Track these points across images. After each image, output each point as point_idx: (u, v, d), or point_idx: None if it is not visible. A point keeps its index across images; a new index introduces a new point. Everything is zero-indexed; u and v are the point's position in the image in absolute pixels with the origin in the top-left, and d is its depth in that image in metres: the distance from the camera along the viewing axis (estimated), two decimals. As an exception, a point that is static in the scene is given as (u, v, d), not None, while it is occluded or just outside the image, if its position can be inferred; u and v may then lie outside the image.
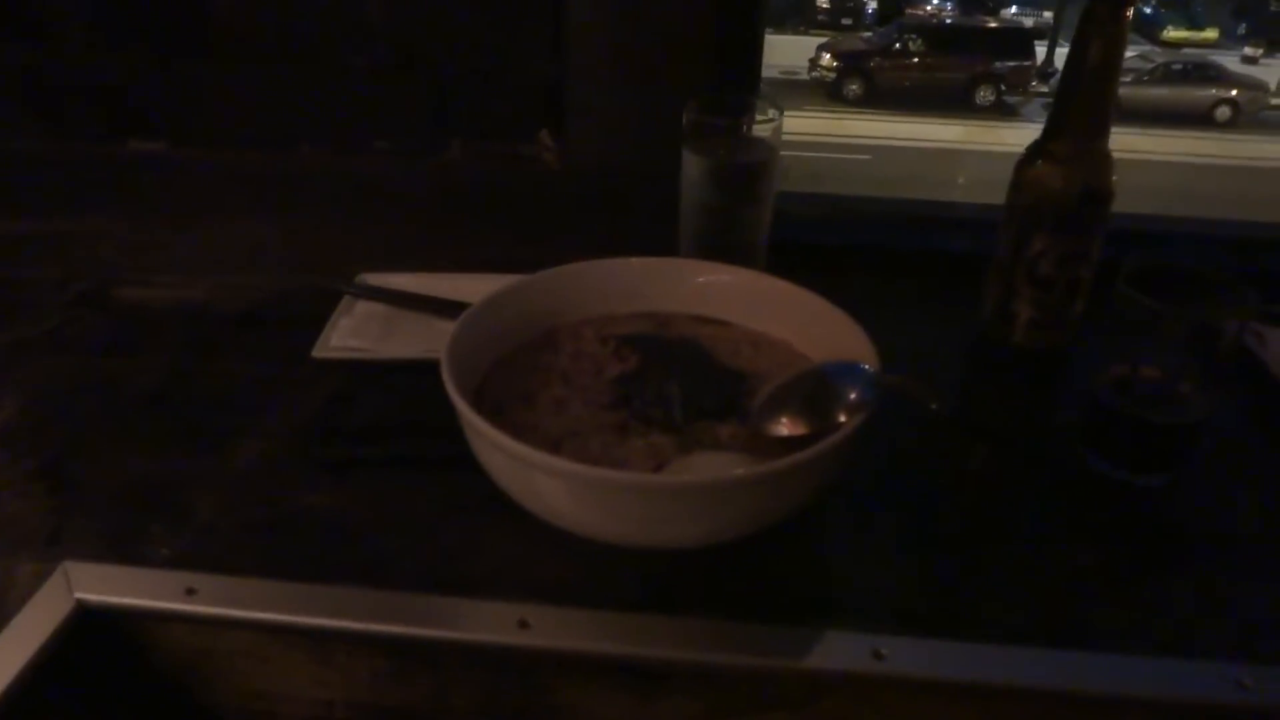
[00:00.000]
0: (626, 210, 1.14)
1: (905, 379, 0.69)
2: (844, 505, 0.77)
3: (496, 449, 0.64)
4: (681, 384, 0.76)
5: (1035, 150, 0.90)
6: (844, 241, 1.15)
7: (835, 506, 0.77)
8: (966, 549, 0.74)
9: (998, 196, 0.94)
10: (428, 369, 0.70)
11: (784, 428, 0.69)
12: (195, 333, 1.04)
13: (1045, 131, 0.89)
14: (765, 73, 1.20)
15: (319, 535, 0.74)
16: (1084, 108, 0.86)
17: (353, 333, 0.95)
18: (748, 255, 0.98)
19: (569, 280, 0.86)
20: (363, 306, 1.01)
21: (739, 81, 1.12)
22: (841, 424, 0.66)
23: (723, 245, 0.97)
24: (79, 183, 1.23)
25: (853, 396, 0.68)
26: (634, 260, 0.88)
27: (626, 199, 1.14)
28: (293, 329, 0.99)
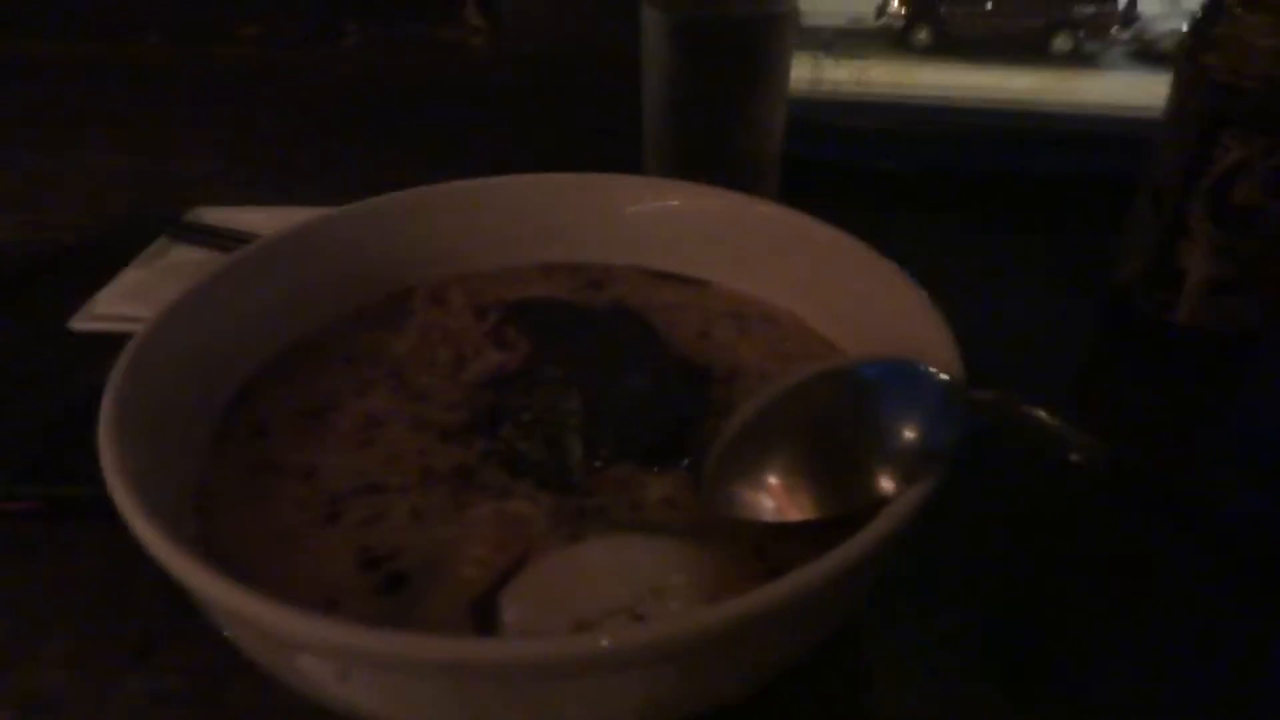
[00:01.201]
0: (582, 111, 0.79)
1: (1023, 403, 0.34)
2: (889, 603, 0.42)
3: (155, 552, 0.30)
4: (591, 391, 0.41)
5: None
6: (890, 162, 0.78)
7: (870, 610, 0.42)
8: (1083, 682, 0.39)
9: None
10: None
11: (767, 503, 0.34)
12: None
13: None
14: (828, 20, 0.96)
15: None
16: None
17: (135, 293, 0.62)
18: (745, 176, 0.63)
19: (435, 207, 0.52)
20: (178, 254, 0.68)
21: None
22: (886, 497, 0.32)
23: (706, 160, 0.62)
24: None
25: (910, 435, 0.33)
26: (552, 177, 0.54)
27: (582, 94, 0.79)
28: (86, 282, 0.66)
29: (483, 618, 0.33)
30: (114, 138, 0.87)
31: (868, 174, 0.76)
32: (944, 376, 0.35)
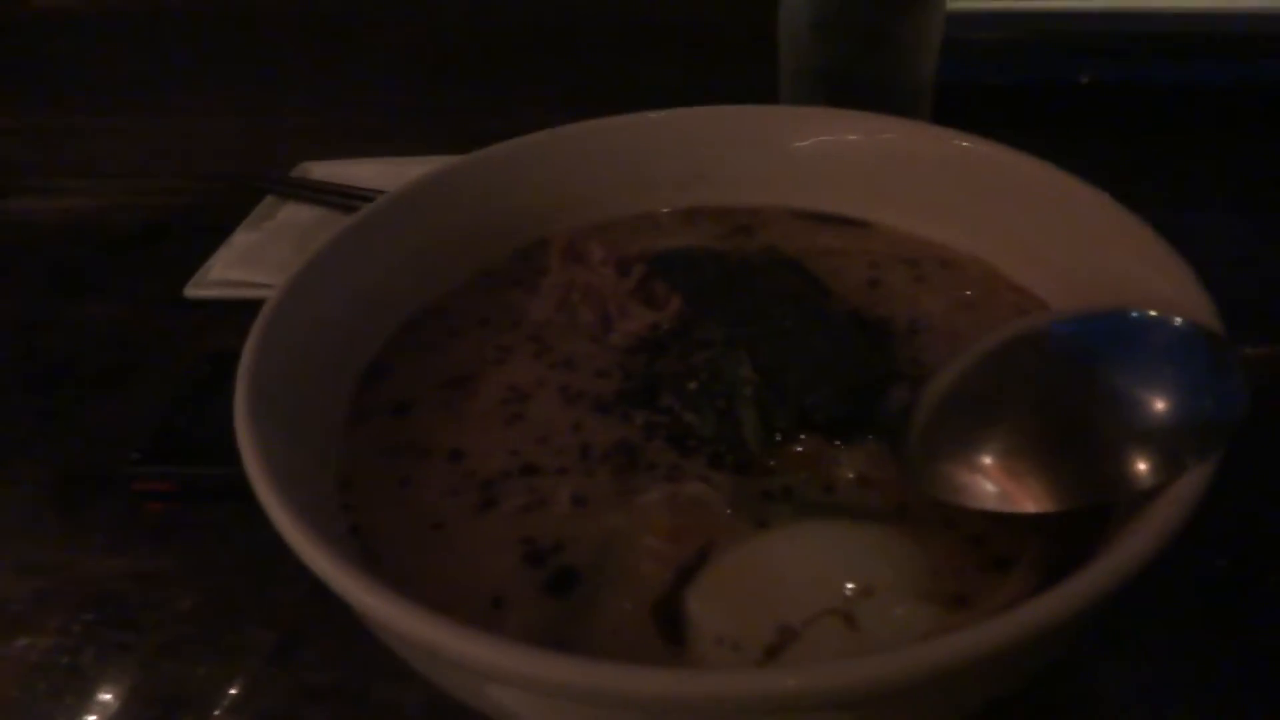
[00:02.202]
0: (706, 37, 0.73)
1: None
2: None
3: (316, 564, 0.27)
4: (761, 354, 0.36)
5: None
6: (1053, 80, 0.71)
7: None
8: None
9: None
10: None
11: (989, 488, 0.29)
12: (75, 256, 0.72)
13: None
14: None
15: (97, 639, 0.40)
16: None
17: (246, 258, 0.60)
18: (894, 106, 0.56)
19: (564, 152, 0.48)
20: (287, 213, 0.66)
21: None
22: (1147, 486, 0.26)
23: (853, 93, 0.56)
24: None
25: (1171, 406, 0.28)
26: (694, 112, 0.48)
27: (704, 17, 0.73)
28: (196, 247, 0.64)
29: (667, 621, 0.29)
30: (212, 95, 0.85)
31: (1026, 94, 0.68)
32: (1205, 329, 0.30)
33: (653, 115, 0.48)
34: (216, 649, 0.39)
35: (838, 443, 0.34)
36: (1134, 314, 0.32)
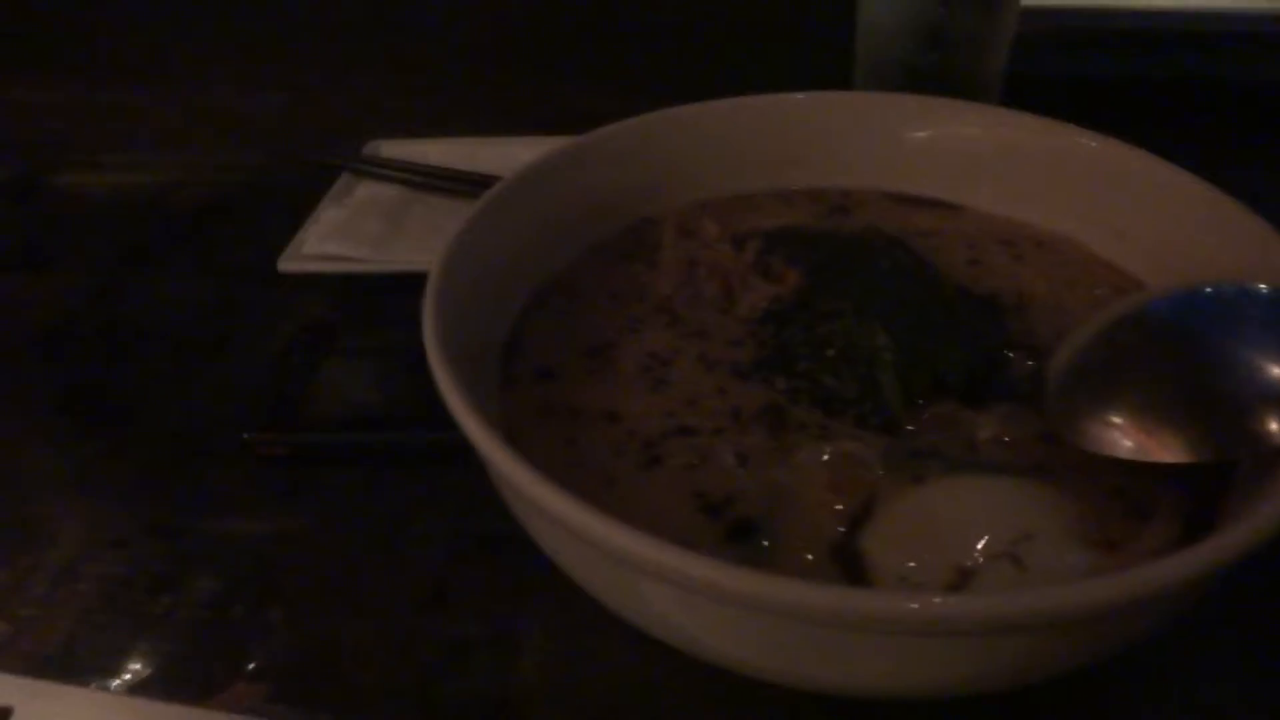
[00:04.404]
0: (783, 32, 0.75)
1: None
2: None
3: (517, 495, 0.29)
4: (893, 325, 0.39)
5: None
6: (1130, 73, 0.72)
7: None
8: None
9: None
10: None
11: (1125, 441, 0.32)
12: (141, 233, 0.72)
13: None
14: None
15: (238, 598, 0.42)
16: None
17: (338, 232, 0.61)
18: (968, 97, 0.59)
19: (670, 134, 0.50)
20: (366, 190, 0.67)
21: None
22: (1271, 442, 0.29)
23: (926, 84, 0.59)
24: (21, 29, 0.90)
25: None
26: (788, 97, 0.51)
27: (779, 12, 0.75)
28: (272, 225, 0.65)
29: (849, 565, 0.31)
30: (261, 72, 0.85)
31: (1097, 86, 0.71)
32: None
33: (749, 100, 0.50)
34: (366, 607, 0.41)
35: (974, 407, 0.37)
36: (1230, 287, 0.35)
